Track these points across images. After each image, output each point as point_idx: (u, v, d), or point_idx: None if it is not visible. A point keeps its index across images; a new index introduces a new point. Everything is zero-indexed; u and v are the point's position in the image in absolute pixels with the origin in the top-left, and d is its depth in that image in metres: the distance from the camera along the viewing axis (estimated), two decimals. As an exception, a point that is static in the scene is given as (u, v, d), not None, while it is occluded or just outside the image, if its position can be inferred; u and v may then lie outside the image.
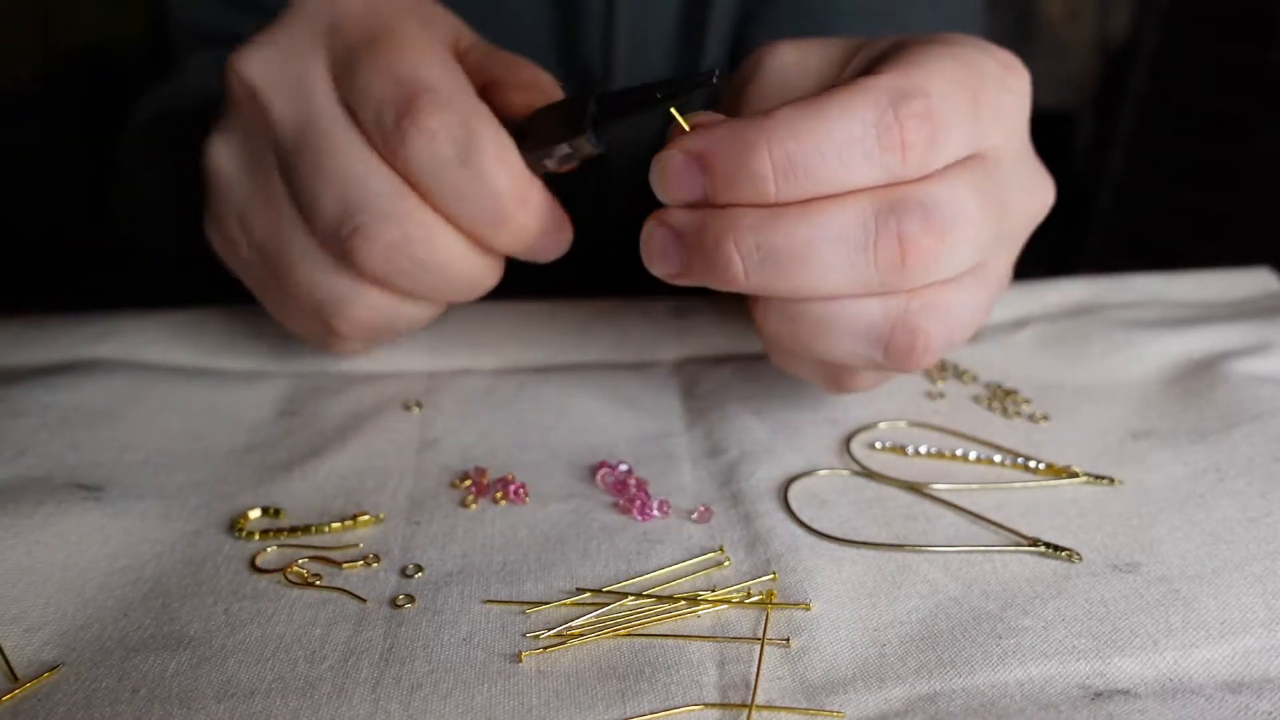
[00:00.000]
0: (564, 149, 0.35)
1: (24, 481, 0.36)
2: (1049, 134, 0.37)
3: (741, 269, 0.31)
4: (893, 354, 0.33)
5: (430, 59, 0.34)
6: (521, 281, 0.41)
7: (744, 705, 0.27)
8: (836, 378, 0.37)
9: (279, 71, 0.35)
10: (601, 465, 0.38)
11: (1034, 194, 0.36)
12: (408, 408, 0.42)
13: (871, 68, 0.33)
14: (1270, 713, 0.26)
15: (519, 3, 0.59)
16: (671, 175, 0.32)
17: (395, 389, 0.44)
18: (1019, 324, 0.49)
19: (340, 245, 0.34)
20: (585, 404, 0.43)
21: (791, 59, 0.37)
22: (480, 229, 0.35)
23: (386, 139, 0.33)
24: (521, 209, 0.35)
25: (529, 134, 0.36)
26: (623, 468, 0.37)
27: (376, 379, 0.45)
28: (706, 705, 0.27)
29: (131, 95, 0.57)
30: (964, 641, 0.29)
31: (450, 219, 0.35)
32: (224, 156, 0.37)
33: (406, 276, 0.35)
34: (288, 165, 0.35)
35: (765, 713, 0.27)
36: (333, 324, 0.38)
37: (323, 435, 0.40)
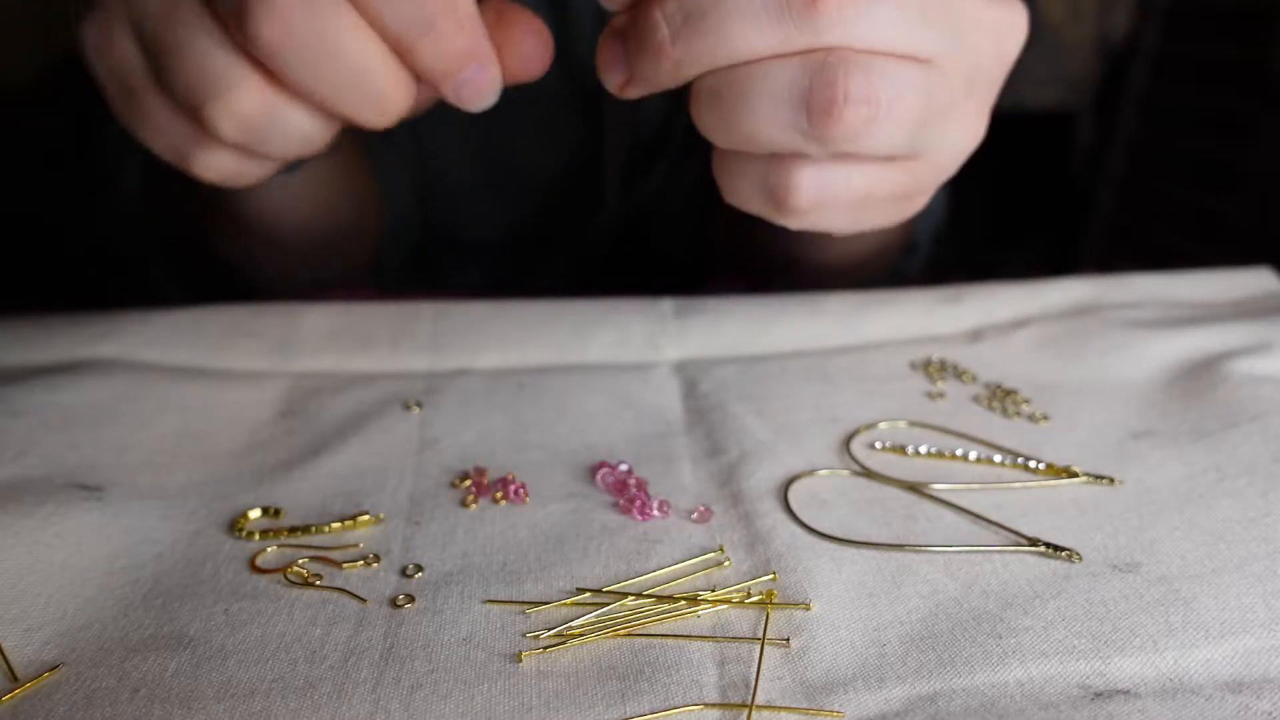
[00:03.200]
0: None
1: (24, 482, 0.36)
2: (1049, 134, 0.37)
3: (666, 34, 0.32)
4: (815, 113, 0.32)
5: None
6: (522, 282, 0.41)
7: (744, 705, 0.27)
8: (773, 184, 0.35)
9: None
10: (601, 465, 0.38)
11: (994, 15, 0.35)
12: (408, 407, 0.42)
13: None
14: (1270, 712, 0.26)
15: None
16: None
17: (395, 389, 0.44)
18: (1019, 324, 0.49)
19: (237, 9, 0.31)
20: (585, 404, 0.43)
21: None
22: (398, 29, 0.32)
23: None
24: (448, 18, 0.32)
25: None
26: (623, 468, 0.37)
27: (376, 379, 0.45)
28: (706, 705, 0.27)
29: None
30: (964, 641, 0.29)
31: (365, 12, 0.32)
32: None
33: (303, 62, 0.32)
34: None
35: (765, 713, 0.27)
36: (208, 111, 0.34)
37: (323, 435, 0.40)
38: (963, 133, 0.36)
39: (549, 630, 0.29)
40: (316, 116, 0.35)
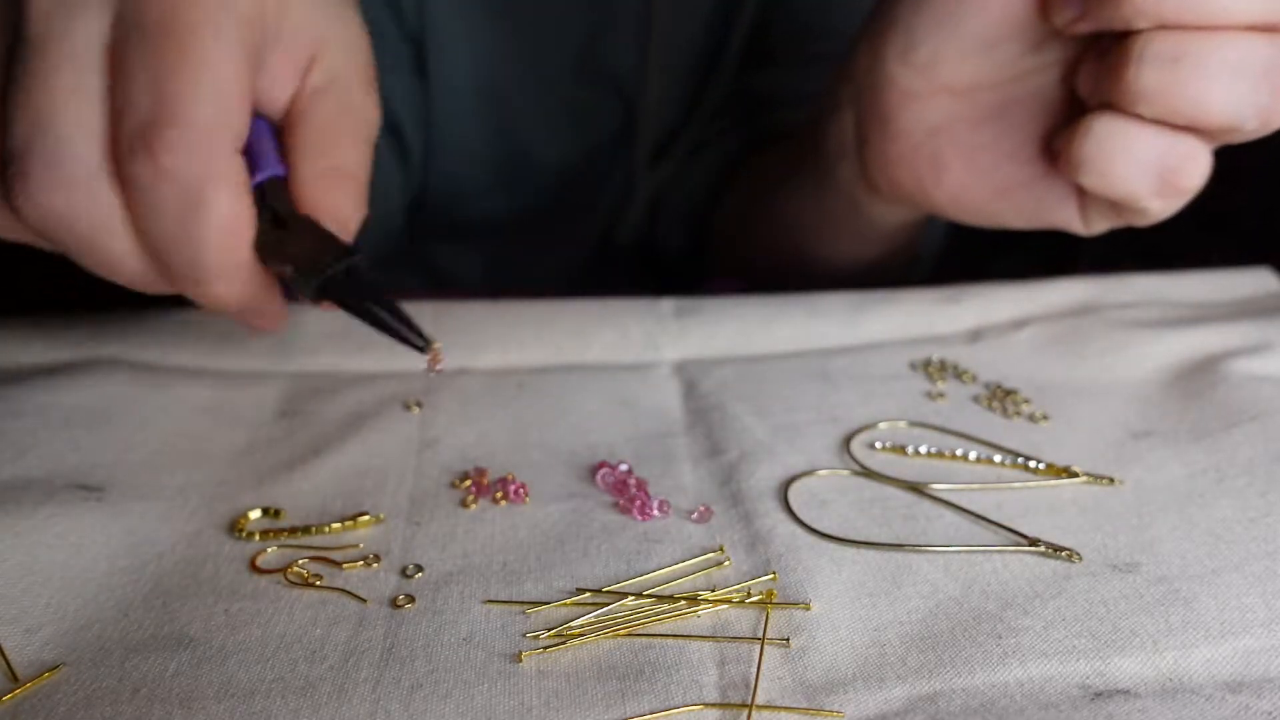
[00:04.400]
0: (287, 270, 0.31)
1: (25, 482, 0.36)
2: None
3: None
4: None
5: (212, 84, 0.28)
6: (522, 281, 0.41)
7: (744, 705, 0.27)
8: (1170, 165, 0.35)
9: None
10: (601, 465, 0.38)
11: None
12: (408, 407, 0.42)
13: None
14: (1270, 712, 0.26)
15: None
16: None
17: (395, 389, 0.44)
18: (1019, 324, 0.49)
19: (3, 172, 0.29)
20: (585, 404, 0.43)
21: None
22: (169, 270, 0.30)
23: (119, 139, 0.28)
24: (221, 284, 0.30)
25: (280, 220, 0.31)
26: (623, 468, 0.37)
27: (376, 379, 0.45)
28: (706, 705, 0.27)
29: None
30: (964, 641, 0.29)
31: (142, 237, 0.29)
32: None
33: (59, 242, 0.30)
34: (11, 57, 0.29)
35: (765, 713, 0.27)
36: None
37: (323, 435, 0.40)
38: None
39: (549, 630, 0.29)
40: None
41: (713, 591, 0.31)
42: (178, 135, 0.28)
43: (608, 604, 0.30)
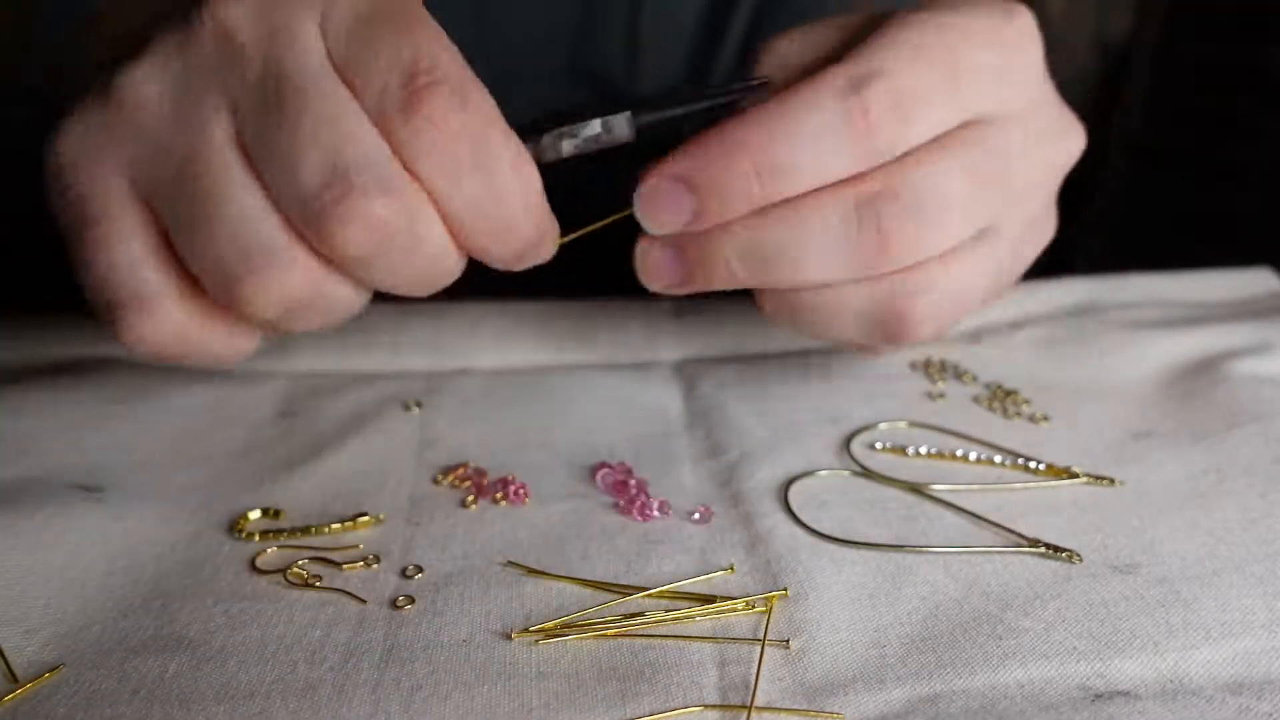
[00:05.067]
0: (595, 127, 0.33)
1: (24, 482, 0.36)
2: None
3: (739, 270, 0.33)
4: (888, 335, 0.35)
5: (445, 44, 0.30)
6: (522, 281, 0.41)
7: (744, 707, 0.27)
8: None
9: (259, 16, 0.30)
10: (601, 466, 0.37)
11: (1054, 144, 0.36)
12: (407, 408, 0.42)
13: (844, 51, 0.34)
14: (1271, 714, 0.26)
15: None
16: (661, 200, 0.33)
17: (395, 389, 0.44)
18: (1019, 324, 0.49)
19: (319, 207, 0.29)
20: (585, 404, 0.43)
21: (789, 49, 0.36)
22: (477, 235, 0.32)
23: (388, 118, 0.29)
24: (526, 221, 0.32)
25: (540, 125, 0.33)
26: (623, 468, 0.37)
27: (376, 379, 0.45)
28: (706, 706, 0.27)
29: None
30: (964, 643, 0.29)
31: (444, 213, 0.31)
32: (152, 84, 0.31)
33: (377, 258, 0.31)
34: (259, 117, 0.30)
35: (765, 714, 0.27)
36: (244, 290, 0.30)
37: (322, 436, 0.40)
38: (1037, 248, 0.39)
39: (549, 631, 0.29)
40: (361, 290, 0.33)
41: (715, 601, 0.31)
42: (444, 89, 0.29)
43: (608, 604, 0.30)
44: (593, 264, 0.73)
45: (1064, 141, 0.37)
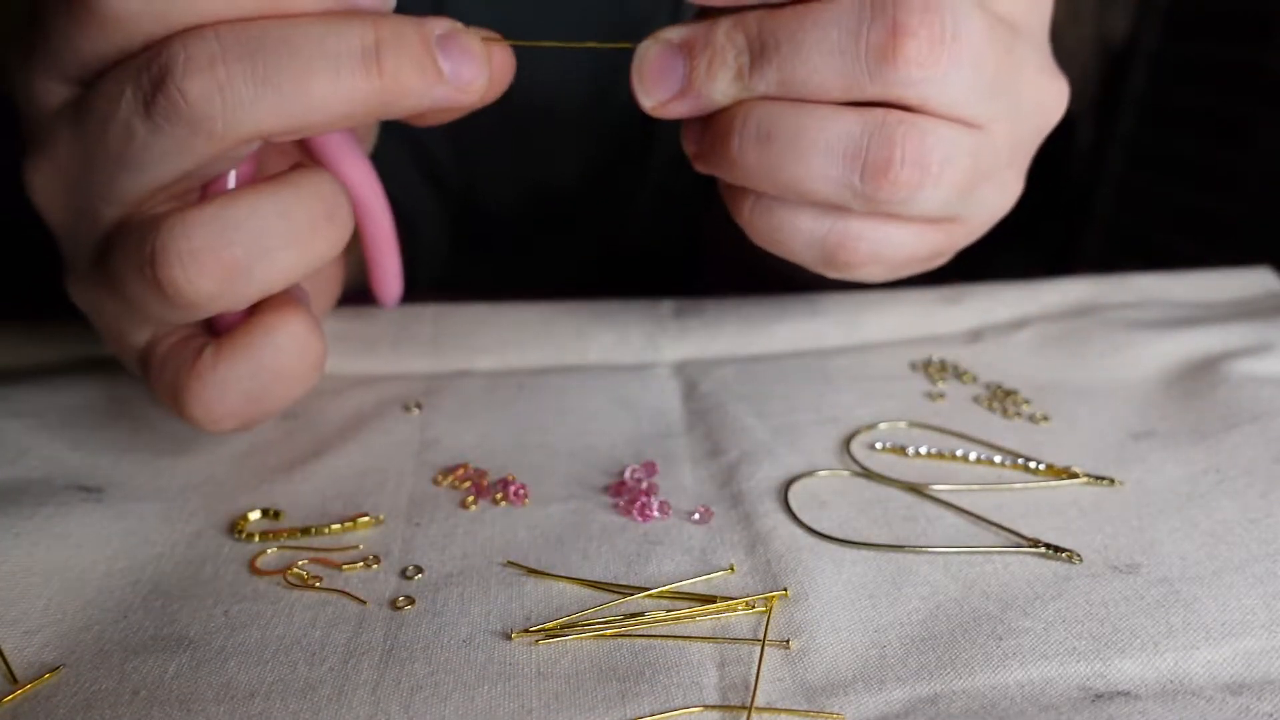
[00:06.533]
0: None
1: (24, 483, 0.36)
2: (1049, 135, 0.37)
3: (734, 61, 0.32)
4: (869, 170, 0.32)
5: None
6: (522, 282, 0.41)
7: (744, 707, 0.27)
8: (827, 239, 0.34)
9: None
10: (624, 471, 0.37)
11: (1046, 87, 0.35)
12: (407, 409, 0.42)
13: None
14: (1271, 714, 0.26)
15: None
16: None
17: (395, 390, 0.44)
18: (1019, 324, 0.49)
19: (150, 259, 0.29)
20: (585, 405, 0.43)
21: None
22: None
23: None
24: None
25: None
26: (639, 471, 0.37)
27: (376, 380, 0.45)
28: (707, 707, 0.27)
29: None
30: (964, 643, 0.29)
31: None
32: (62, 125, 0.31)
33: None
34: None
35: (765, 714, 0.27)
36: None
37: (322, 437, 0.40)
38: (1000, 198, 0.36)
39: (549, 631, 0.29)
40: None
41: (715, 602, 0.31)
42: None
43: (608, 604, 0.30)
44: (592, 264, 0.73)
45: (1055, 89, 0.36)
